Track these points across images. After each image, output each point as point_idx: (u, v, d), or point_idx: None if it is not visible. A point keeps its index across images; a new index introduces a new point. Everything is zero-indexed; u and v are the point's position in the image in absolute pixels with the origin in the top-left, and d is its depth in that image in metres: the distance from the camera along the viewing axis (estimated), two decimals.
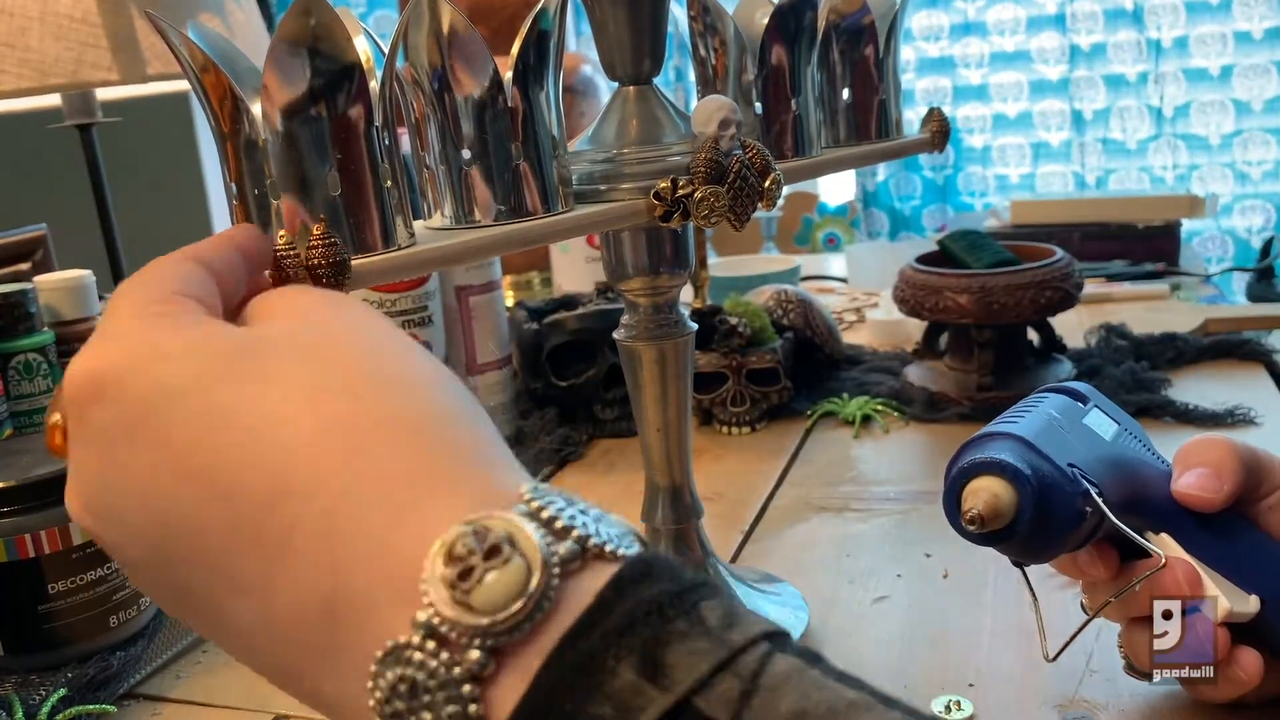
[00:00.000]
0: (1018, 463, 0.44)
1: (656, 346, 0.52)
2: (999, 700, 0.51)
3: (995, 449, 0.45)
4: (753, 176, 0.47)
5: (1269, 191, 2.28)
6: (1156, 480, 0.48)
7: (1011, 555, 0.47)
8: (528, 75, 0.43)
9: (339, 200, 0.38)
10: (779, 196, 0.49)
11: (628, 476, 0.83)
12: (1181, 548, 0.47)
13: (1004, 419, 0.48)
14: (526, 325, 0.93)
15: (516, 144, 0.43)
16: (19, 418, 0.70)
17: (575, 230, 0.46)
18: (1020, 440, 0.45)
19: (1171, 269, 1.32)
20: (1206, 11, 2.23)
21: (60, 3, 1.03)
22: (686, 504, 0.55)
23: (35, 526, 0.53)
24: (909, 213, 2.56)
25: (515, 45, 0.42)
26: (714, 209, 0.46)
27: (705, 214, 0.46)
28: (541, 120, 0.44)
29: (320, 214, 0.38)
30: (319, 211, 0.38)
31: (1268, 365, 0.94)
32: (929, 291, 0.88)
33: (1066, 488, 0.44)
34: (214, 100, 0.38)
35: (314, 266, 0.36)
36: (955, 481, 0.45)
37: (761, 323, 0.93)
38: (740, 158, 0.47)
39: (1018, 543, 0.45)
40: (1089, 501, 0.44)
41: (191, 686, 0.58)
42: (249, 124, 0.38)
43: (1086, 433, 0.48)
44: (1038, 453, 0.45)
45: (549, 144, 0.44)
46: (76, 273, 0.74)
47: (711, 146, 0.46)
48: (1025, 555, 0.47)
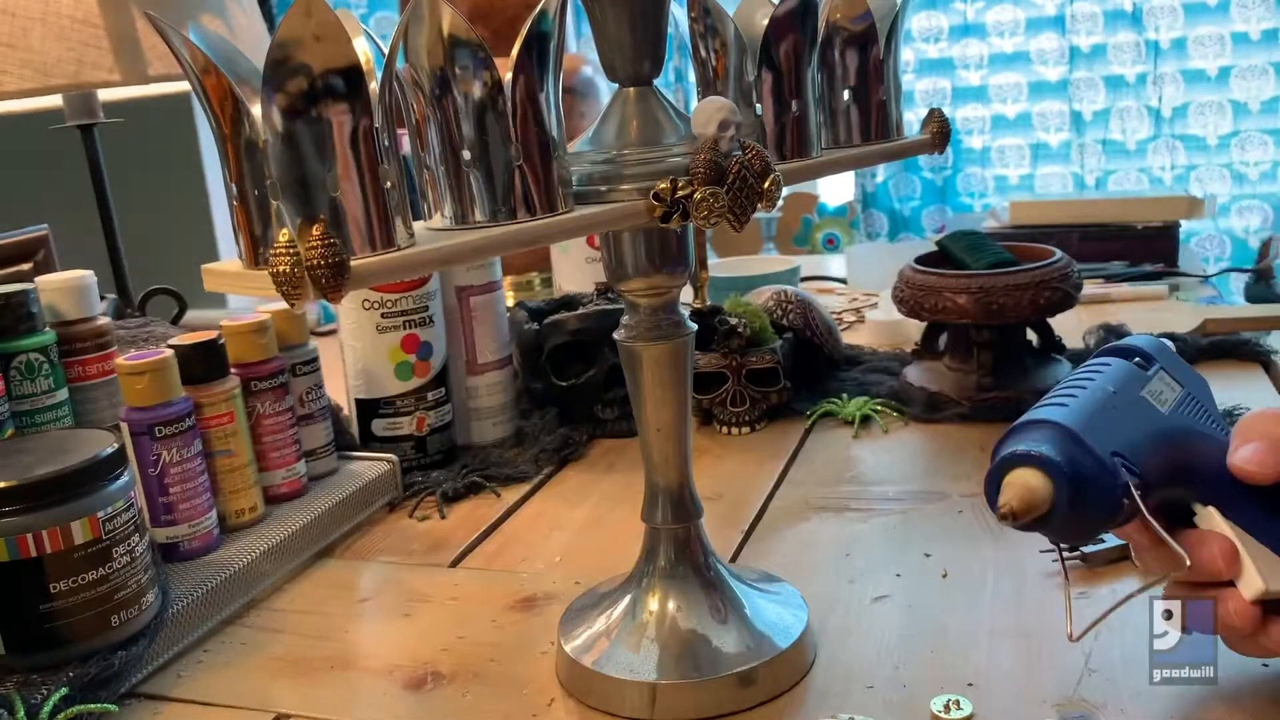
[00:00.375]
0: (1056, 455, 0.44)
1: (657, 347, 0.52)
2: (998, 700, 0.51)
3: (1037, 439, 0.45)
4: (752, 178, 0.47)
5: (1267, 192, 2.29)
6: (1211, 452, 0.48)
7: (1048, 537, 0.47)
8: (527, 77, 0.43)
9: (339, 201, 0.39)
10: (779, 197, 0.49)
11: (628, 476, 0.83)
12: (1228, 522, 0.47)
13: (1057, 396, 0.48)
14: (527, 325, 0.93)
15: (515, 145, 0.43)
16: (20, 418, 0.70)
17: (574, 231, 0.46)
18: (1063, 430, 0.45)
19: (1170, 270, 1.33)
20: (1205, 13, 2.24)
21: (62, 4, 1.03)
22: (686, 504, 0.55)
23: (37, 526, 0.54)
24: (908, 213, 2.56)
25: (515, 47, 0.43)
26: (713, 210, 0.46)
27: (704, 215, 0.46)
28: (541, 121, 0.44)
29: (320, 214, 0.38)
30: (319, 212, 0.38)
31: (1266, 366, 0.95)
32: (928, 292, 0.88)
33: (1105, 480, 0.44)
34: (214, 101, 0.38)
35: (312, 267, 0.36)
36: (996, 471, 0.46)
37: (761, 323, 0.93)
38: (740, 159, 0.47)
39: (1054, 529, 0.45)
40: (1127, 493, 0.44)
41: (193, 686, 0.59)
42: (249, 125, 0.38)
43: (1143, 406, 0.48)
44: (1080, 443, 0.45)
45: (548, 145, 0.44)
46: (78, 273, 0.74)
47: (711, 148, 0.46)
48: (1062, 539, 0.48)
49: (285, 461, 0.74)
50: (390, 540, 0.76)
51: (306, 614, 0.66)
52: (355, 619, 0.65)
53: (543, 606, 0.64)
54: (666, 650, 0.53)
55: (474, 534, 0.75)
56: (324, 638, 0.63)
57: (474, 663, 0.58)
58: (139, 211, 1.75)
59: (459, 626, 0.62)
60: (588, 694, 0.54)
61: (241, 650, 0.62)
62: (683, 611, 0.54)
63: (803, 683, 0.54)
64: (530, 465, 0.86)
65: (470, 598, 0.66)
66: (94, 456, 0.56)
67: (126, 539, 0.57)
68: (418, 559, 0.72)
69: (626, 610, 0.56)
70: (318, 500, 0.75)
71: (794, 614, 0.56)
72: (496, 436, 0.92)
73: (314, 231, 0.37)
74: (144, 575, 0.58)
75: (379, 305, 0.83)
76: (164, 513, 0.65)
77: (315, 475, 0.78)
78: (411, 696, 0.56)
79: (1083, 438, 0.45)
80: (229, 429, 0.69)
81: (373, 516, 0.80)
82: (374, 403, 0.86)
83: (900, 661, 0.55)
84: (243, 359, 0.72)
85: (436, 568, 0.71)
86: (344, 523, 0.77)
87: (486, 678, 0.57)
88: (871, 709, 0.51)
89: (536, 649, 0.59)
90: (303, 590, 0.69)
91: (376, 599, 0.68)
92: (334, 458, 0.80)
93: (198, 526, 0.66)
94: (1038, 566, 0.63)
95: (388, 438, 0.86)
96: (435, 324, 0.86)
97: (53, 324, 0.73)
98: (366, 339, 0.84)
